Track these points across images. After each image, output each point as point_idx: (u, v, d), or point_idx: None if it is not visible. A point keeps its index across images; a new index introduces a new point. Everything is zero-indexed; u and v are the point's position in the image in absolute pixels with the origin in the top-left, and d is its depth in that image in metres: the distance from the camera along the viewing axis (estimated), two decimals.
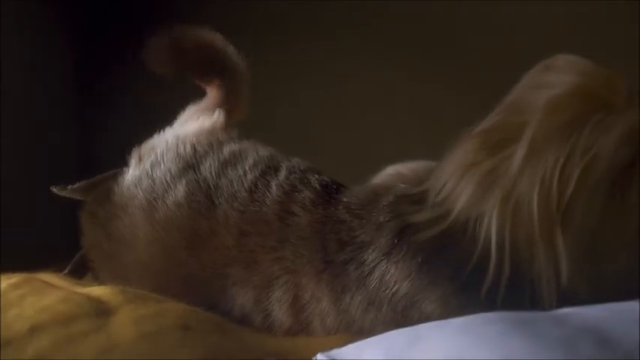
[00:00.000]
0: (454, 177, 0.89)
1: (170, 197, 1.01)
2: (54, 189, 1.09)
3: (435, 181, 0.92)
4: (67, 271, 1.16)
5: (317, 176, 1.01)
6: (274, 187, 0.99)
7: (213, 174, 1.02)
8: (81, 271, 1.14)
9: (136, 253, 1.02)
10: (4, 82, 1.73)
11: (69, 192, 1.08)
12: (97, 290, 0.91)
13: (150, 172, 1.05)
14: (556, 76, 0.89)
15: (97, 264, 1.08)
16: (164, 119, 1.17)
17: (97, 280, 1.07)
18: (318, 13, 1.96)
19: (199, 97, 1.24)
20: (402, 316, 0.89)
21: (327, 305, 0.93)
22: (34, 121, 1.84)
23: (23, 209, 1.76)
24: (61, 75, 1.96)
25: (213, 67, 1.20)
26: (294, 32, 1.97)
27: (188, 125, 1.13)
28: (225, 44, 1.21)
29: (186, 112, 1.18)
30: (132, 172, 1.07)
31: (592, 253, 0.82)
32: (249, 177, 1.01)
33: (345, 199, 0.97)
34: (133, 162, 1.08)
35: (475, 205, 0.86)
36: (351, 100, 1.94)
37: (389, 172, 1.23)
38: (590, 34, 1.91)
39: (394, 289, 0.89)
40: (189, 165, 1.04)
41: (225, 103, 1.19)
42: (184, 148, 1.06)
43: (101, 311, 0.85)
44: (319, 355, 0.77)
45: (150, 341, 0.78)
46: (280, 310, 0.95)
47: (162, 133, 1.12)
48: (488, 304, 0.83)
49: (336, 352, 0.76)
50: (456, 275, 0.85)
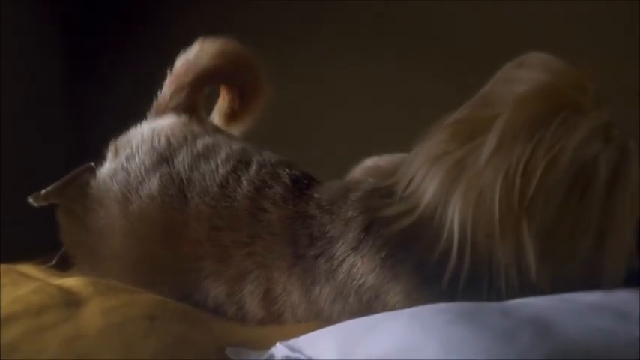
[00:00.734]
0: (423, 168, 0.91)
1: (144, 190, 1.03)
2: (30, 200, 1.10)
3: (404, 173, 0.94)
4: (53, 262, 1.19)
5: (288, 171, 1.03)
6: (245, 183, 1.01)
7: (186, 168, 1.04)
8: (67, 262, 1.17)
9: (112, 245, 1.04)
10: None
11: (44, 198, 1.10)
12: (70, 281, 0.93)
13: (125, 165, 1.06)
14: (527, 73, 0.90)
15: (79, 258, 1.10)
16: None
17: (82, 272, 1.10)
18: (307, 11, 1.97)
19: None
20: (367, 306, 0.90)
21: (298, 297, 0.95)
22: (26, 114, 1.85)
23: (15, 198, 1.78)
24: (53, 64, 1.97)
25: (245, 81, 1.23)
26: (283, 30, 1.98)
27: (164, 119, 1.14)
28: (258, 63, 1.23)
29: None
30: (108, 166, 1.09)
31: (552, 248, 0.84)
32: (221, 172, 1.02)
33: (315, 195, 0.98)
34: (110, 155, 1.10)
35: (441, 196, 0.87)
36: (341, 96, 1.95)
37: (367, 165, 1.24)
38: (590, 34, 1.92)
39: (361, 281, 0.91)
40: (163, 158, 1.05)
41: (235, 112, 1.22)
42: (159, 141, 1.08)
43: (71, 302, 0.87)
44: (278, 343, 0.79)
45: (116, 331, 0.81)
46: (253, 302, 0.97)
47: (139, 126, 1.13)
48: (450, 297, 0.85)
49: (293, 341, 0.78)
50: (419, 269, 0.87)
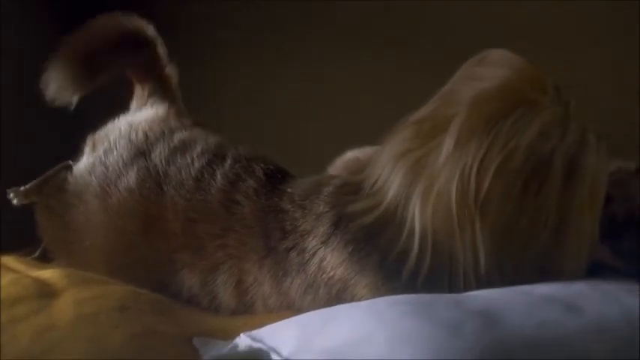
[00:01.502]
0: (388, 165, 0.93)
1: (122, 183, 1.05)
2: (10, 196, 1.12)
3: (372, 170, 0.96)
4: (36, 254, 1.21)
5: (262, 165, 1.05)
6: (219, 176, 1.03)
7: (163, 161, 1.06)
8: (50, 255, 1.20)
9: (92, 238, 1.06)
10: None
11: (23, 195, 1.12)
12: (47, 273, 0.96)
13: (103, 159, 1.09)
14: (487, 70, 0.92)
15: (58, 253, 1.12)
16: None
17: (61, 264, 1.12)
18: (302, 10, 1.99)
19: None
20: (337, 299, 0.93)
21: (269, 288, 0.97)
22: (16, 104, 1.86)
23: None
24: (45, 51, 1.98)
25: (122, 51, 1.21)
26: (279, 29, 2.00)
27: (142, 112, 1.17)
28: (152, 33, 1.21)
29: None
30: (86, 160, 1.11)
31: (510, 242, 0.85)
32: (197, 165, 1.05)
33: (289, 190, 1.00)
34: (87, 149, 1.12)
35: (403, 193, 0.90)
36: (337, 94, 1.96)
37: (347, 158, 1.27)
38: (590, 34, 1.93)
39: (330, 274, 0.93)
40: (140, 152, 1.08)
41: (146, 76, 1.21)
42: (136, 135, 1.10)
43: (45, 294, 0.90)
44: (242, 334, 0.81)
45: (87, 322, 0.83)
46: (225, 292, 0.99)
47: (116, 120, 1.15)
48: (412, 290, 0.87)
49: (257, 331, 0.81)
50: (383, 263, 0.89)
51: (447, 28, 1.89)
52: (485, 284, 0.84)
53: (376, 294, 0.89)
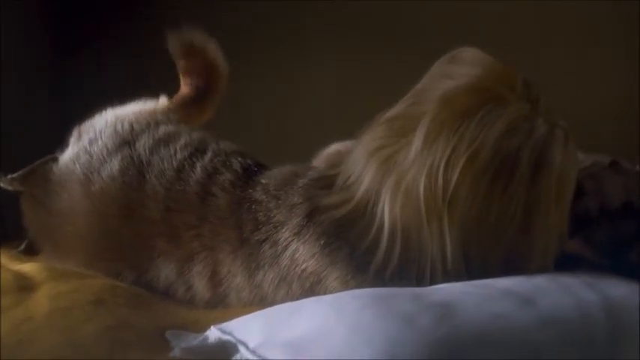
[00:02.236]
0: (361, 161, 0.95)
1: (105, 170, 1.08)
2: None
3: (346, 165, 0.98)
4: (22, 247, 1.24)
5: (240, 159, 1.07)
6: (199, 169, 1.05)
7: (147, 151, 1.08)
8: (35, 247, 1.22)
9: (75, 225, 1.08)
10: None
11: (8, 182, 1.15)
12: (27, 267, 0.99)
13: (88, 148, 1.11)
14: (457, 68, 0.93)
15: (41, 241, 1.14)
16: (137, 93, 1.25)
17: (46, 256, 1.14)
18: (293, 9, 2.00)
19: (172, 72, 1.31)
20: (310, 292, 0.94)
21: (242, 280, 0.99)
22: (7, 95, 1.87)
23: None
24: (35, 48, 1.99)
25: (203, 71, 1.28)
26: (271, 29, 2.01)
27: (130, 106, 1.19)
28: (218, 53, 1.29)
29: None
30: (71, 150, 1.13)
31: (478, 237, 0.87)
32: (179, 157, 1.07)
33: (263, 181, 1.02)
34: (73, 139, 1.15)
35: (373, 189, 0.91)
36: (328, 92, 1.98)
37: (330, 151, 1.28)
38: (590, 35, 1.93)
39: (303, 267, 0.95)
40: (125, 141, 1.10)
41: (195, 102, 1.27)
42: (122, 126, 1.12)
43: (24, 287, 0.92)
44: (212, 327, 0.83)
45: (61, 315, 0.85)
46: (200, 283, 1.01)
47: (103, 113, 1.17)
48: (381, 283, 0.89)
49: (226, 324, 0.82)
50: (353, 256, 0.91)
51: (442, 26, 1.90)
52: (453, 278, 0.85)
53: (346, 286, 0.90)
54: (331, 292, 0.92)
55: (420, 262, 0.87)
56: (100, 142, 1.11)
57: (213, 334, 0.82)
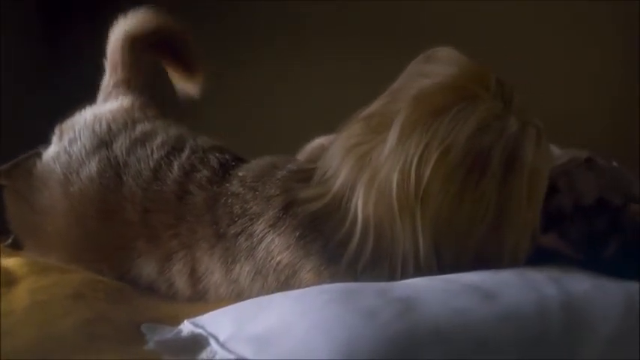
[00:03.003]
0: (338, 157, 0.96)
1: (84, 172, 1.09)
2: None
3: (324, 160, 0.99)
4: (9, 241, 1.26)
5: (218, 155, 1.08)
6: (176, 168, 1.06)
7: (124, 152, 1.09)
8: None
9: (55, 224, 1.10)
10: None
11: None
12: (10, 262, 1.00)
13: (67, 148, 1.12)
14: (433, 67, 0.95)
15: (24, 235, 1.16)
16: None
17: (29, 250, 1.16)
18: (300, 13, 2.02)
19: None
20: (285, 284, 0.96)
21: (219, 276, 1.01)
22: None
23: None
24: (27, 43, 2.00)
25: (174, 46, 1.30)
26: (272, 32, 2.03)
27: (108, 103, 1.20)
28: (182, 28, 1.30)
29: None
30: (52, 148, 1.15)
31: (450, 233, 0.89)
32: (155, 156, 1.08)
33: (240, 174, 1.03)
34: (55, 138, 1.16)
35: (349, 184, 0.93)
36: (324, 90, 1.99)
37: (314, 145, 1.30)
38: (590, 35, 1.94)
39: (278, 259, 0.96)
40: (103, 142, 1.11)
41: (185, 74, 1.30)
42: (100, 126, 1.13)
43: (6, 282, 0.94)
44: (186, 321, 0.85)
45: (40, 309, 0.87)
46: (181, 280, 1.03)
47: (84, 110, 1.19)
48: (353, 276, 0.91)
49: (199, 318, 0.85)
50: (327, 248, 0.93)
51: (439, 26, 1.91)
52: (425, 273, 0.87)
53: (319, 278, 0.93)
54: (305, 284, 0.94)
55: (392, 257, 0.89)
56: (79, 142, 1.12)
57: (187, 327, 0.84)
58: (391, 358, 0.65)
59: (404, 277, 0.88)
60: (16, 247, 1.21)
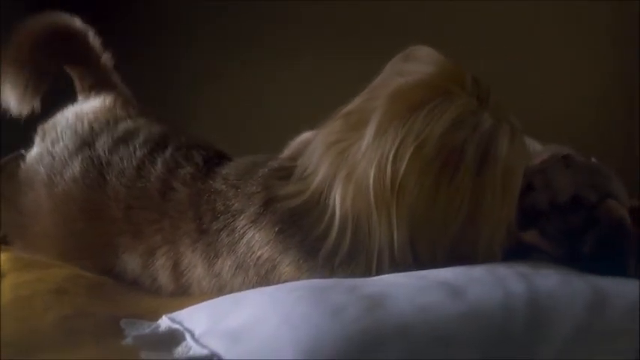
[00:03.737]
0: (317, 154, 0.98)
1: (67, 172, 1.11)
2: None
3: (305, 156, 1.01)
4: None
5: (202, 151, 1.09)
6: (159, 164, 1.08)
7: (106, 151, 1.11)
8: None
9: (41, 225, 1.12)
10: None
11: None
12: None
13: (50, 149, 1.14)
14: (410, 66, 0.97)
15: (13, 237, 1.18)
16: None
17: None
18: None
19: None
20: (265, 279, 0.98)
21: (202, 271, 1.02)
22: None
23: None
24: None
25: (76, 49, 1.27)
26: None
27: (90, 102, 1.21)
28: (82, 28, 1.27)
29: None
30: (35, 150, 1.17)
31: (424, 228, 0.90)
32: (138, 154, 1.10)
33: (223, 171, 1.05)
34: (37, 139, 1.18)
35: (328, 180, 0.95)
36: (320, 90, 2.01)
37: (300, 140, 1.31)
38: (591, 35, 1.95)
39: (258, 254, 0.98)
40: (85, 142, 1.13)
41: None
42: (82, 126, 1.15)
43: None
44: (164, 316, 0.87)
45: (22, 304, 0.89)
46: (164, 275, 1.05)
47: (65, 110, 1.20)
48: (330, 270, 0.93)
49: (176, 313, 0.86)
50: (305, 243, 0.94)
51: (427, 26, 1.92)
52: (401, 268, 0.89)
53: (298, 272, 0.95)
54: (285, 277, 0.96)
55: (368, 251, 0.91)
56: (61, 143, 1.14)
57: (164, 323, 0.86)
58: (355, 353, 0.67)
59: (379, 271, 0.89)
60: (5, 243, 1.23)
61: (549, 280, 0.81)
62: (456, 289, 0.77)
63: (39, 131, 1.18)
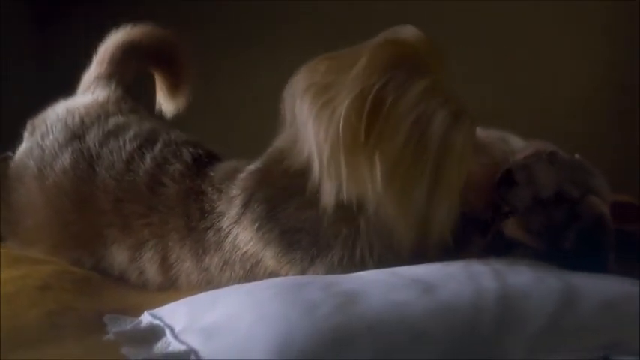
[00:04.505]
0: (298, 95, 0.95)
1: (58, 165, 1.12)
2: None
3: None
4: None
5: (191, 149, 1.11)
6: (148, 160, 1.10)
7: (97, 144, 1.13)
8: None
9: (34, 218, 1.14)
10: None
11: None
12: None
13: (40, 143, 1.15)
14: (393, 34, 0.98)
15: (5, 234, 1.19)
16: None
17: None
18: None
19: None
20: (250, 273, 1.01)
21: (191, 265, 1.05)
22: None
23: None
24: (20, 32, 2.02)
25: (167, 58, 1.34)
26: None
27: (80, 98, 1.23)
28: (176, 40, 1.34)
29: None
30: (25, 145, 1.18)
31: (395, 182, 0.89)
32: (128, 148, 1.11)
33: (211, 174, 1.07)
34: (27, 134, 1.19)
35: (306, 120, 0.93)
36: None
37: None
38: (591, 34, 1.95)
39: (243, 250, 1.01)
40: (75, 135, 1.14)
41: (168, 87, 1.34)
42: (73, 120, 1.16)
43: None
44: (146, 312, 0.89)
45: (7, 301, 0.91)
46: (152, 268, 1.07)
47: (55, 105, 1.21)
48: (308, 261, 0.96)
49: (158, 309, 0.88)
50: (284, 236, 0.97)
51: (436, 27, 1.93)
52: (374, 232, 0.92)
53: (279, 264, 0.98)
54: (269, 271, 0.99)
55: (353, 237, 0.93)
56: (51, 136, 1.15)
57: (146, 318, 0.87)
58: (326, 350, 0.68)
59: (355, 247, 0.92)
60: None
61: (522, 276, 0.82)
62: (430, 285, 0.78)
63: (28, 126, 1.20)
